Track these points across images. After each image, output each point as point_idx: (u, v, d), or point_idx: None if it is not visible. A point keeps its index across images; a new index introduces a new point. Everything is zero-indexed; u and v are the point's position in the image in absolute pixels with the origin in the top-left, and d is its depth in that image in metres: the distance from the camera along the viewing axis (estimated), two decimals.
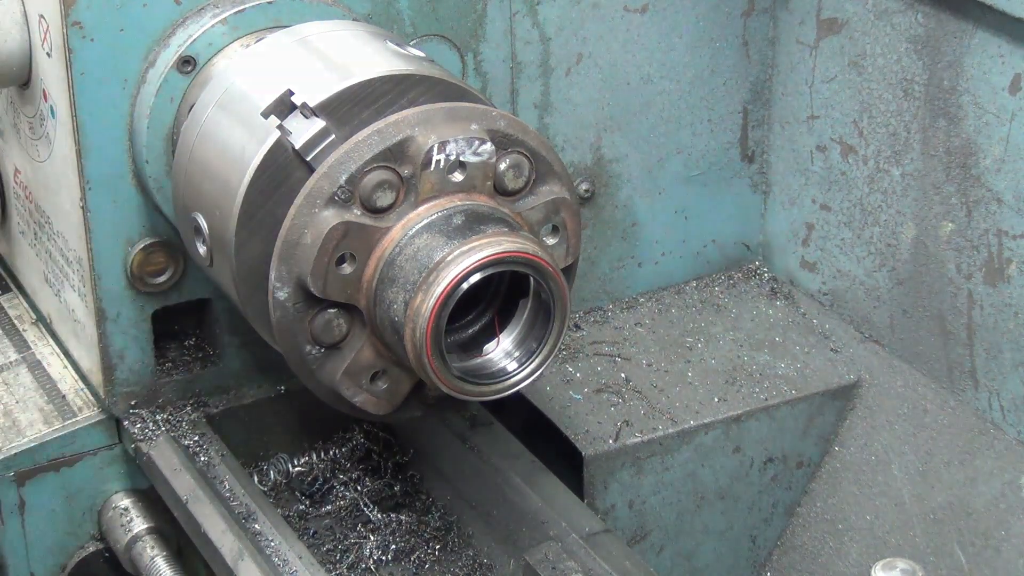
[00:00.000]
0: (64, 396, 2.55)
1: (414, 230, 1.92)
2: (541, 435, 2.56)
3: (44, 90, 2.37)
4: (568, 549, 2.17)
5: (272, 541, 2.18)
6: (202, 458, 2.38)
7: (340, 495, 2.47)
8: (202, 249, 2.11)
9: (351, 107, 1.97)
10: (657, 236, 2.88)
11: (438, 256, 1.87)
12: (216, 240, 2.07)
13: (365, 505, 2.44)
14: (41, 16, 2.30)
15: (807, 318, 2.86)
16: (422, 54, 2.14)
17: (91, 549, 2.56)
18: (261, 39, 2.19)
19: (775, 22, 2.80)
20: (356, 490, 2.47)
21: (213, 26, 2.24)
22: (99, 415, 2.50)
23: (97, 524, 2.55)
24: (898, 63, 2.57)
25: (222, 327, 2.47)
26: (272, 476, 2.50)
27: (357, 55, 2.08)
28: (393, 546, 2.35)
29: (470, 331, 2.05)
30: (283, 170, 1.98)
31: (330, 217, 1.89)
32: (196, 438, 2.42)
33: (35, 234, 2.59)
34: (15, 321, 2.75)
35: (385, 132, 1.91)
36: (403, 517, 2.41)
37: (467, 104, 1.98)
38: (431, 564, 2.32)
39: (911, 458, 2.63)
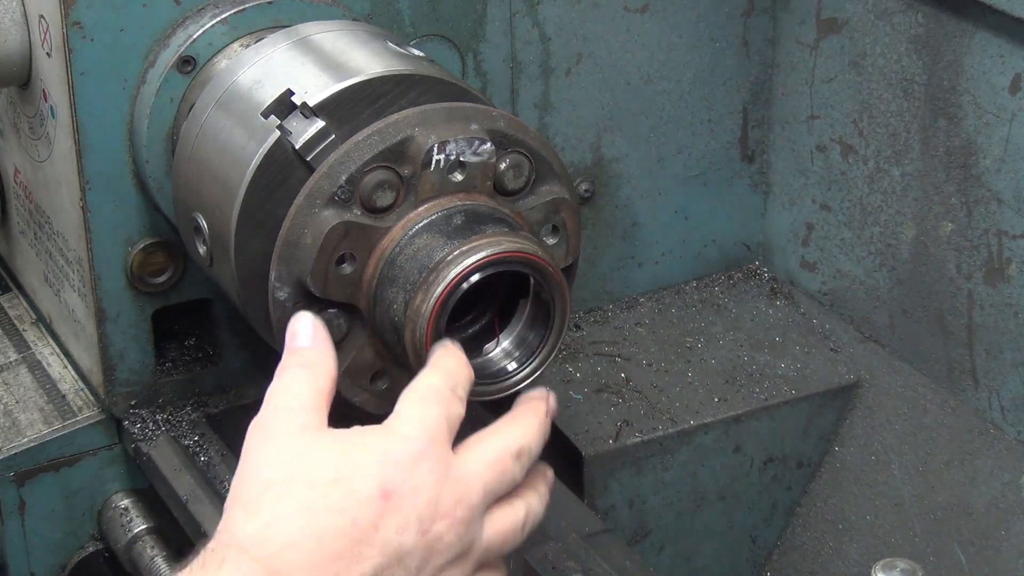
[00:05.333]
0: (64, 396, 2.55)
1: (414, 230, 1.92)
2: None
3: (44, 90, 2.37)
4: (568, 549, 2.17)
5: None
6: (202, 458, 2.38)
7: None
8: (202, 249, 2.11)
9: (351, 107, 1.97)
10: (657, 236, 2.88)
11: (438, 256, 1.87)
12: (216, 240, 2.07)
13: None
14: (41, 16, 2.30)
15: (807, 318, 2.86)
16: (422, 54, 2.14)
17: (91, 549, 2.56)
18: (261, 39, 2.19)
19: (775, 22, 2.80)
20: None
21: (213, 26, 2.24)
22: (99, 415, 2.50)
23: (97, 524, 2.55)
24: (898, 63, 2.57)
25: (222, 327, 2.47)
26: None
27: (357, 55, 2.08)
28: None
29: (470, 331, 2.05)
30: (283, 170, 1.98)
31: (330, 217, 1.89)
32: (196, 438, 2.42)
33: (35, 234, 2.59)
34: (15, 321, 2.75)
35: (385, 132, 1.91)
36: None
37: (467, 104, 1.98)
38: None
39: (911, 458, 2.63)
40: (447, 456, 1.74)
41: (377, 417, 1.78)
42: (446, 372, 1.81)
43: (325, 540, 1.66)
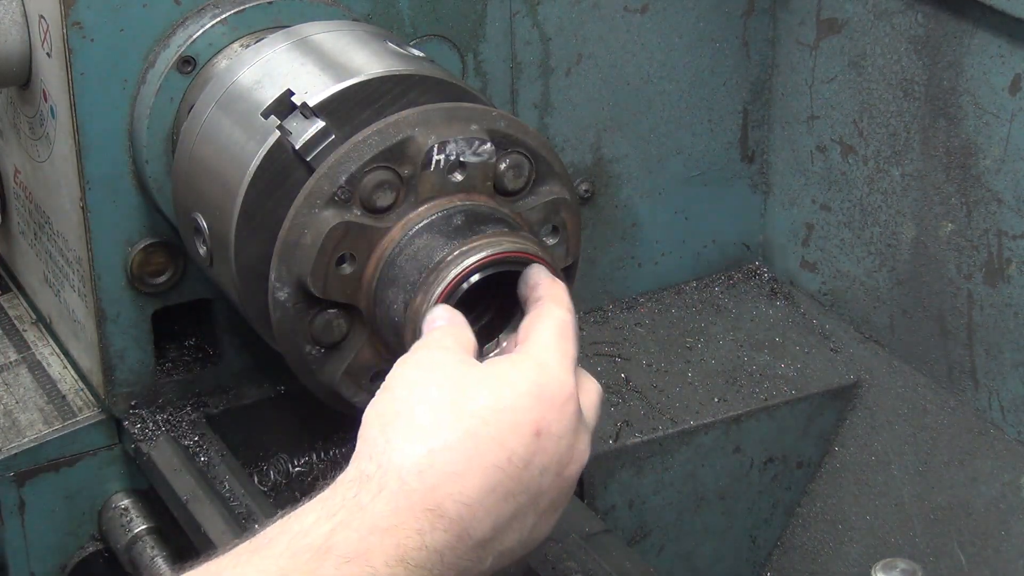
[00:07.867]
0: (64, 396, 2.55)
1: (414, 230, 1.92)
2: None
3: (44, 90, 2.37)
4: (568, 549, 2.17)
5: None
6: (202, 458, 2.38)
7: None
8: (202, 249, 2.11)
9: (351, 107, 1.97)
10: (657, 236, 2.88)
11: (438, 256, 1.87)
12: (216, 240, 2.07)
13: None
14: (41, 16, 2.30)
15: (807, 318, 2.86)
16: (422, 54, 2.14)
17: (91, 549, 2.56)
18: (261, 39, 2.19)
19: (775, 22, 2.80)
20: None
21: (213, 26, 2.25)
22: (99, 415, 2.50)
23: (97, 524, 2.55)
24: (898, 63, 2.57)
25: (222, 327, 2.47)
26: (272, 476, 2.50)
27: (357, 55, 2.08)
28: None
29: None
30: (283, 170, 1.98)
31: (330, 217, 1.89)
32: (196, 438, 2.42)
33: (35, 234, 2.59)
34: (15, 321, 2.75)
35: (385, 132, 1.91)
36: None
37: (467, 104, 1.98)
38: None
39: (911, 458, 2.63)
40: (577, 396, 1.72)
41: None
42: (570, 307, 1.79)
43: (486, 472, 1.61)
